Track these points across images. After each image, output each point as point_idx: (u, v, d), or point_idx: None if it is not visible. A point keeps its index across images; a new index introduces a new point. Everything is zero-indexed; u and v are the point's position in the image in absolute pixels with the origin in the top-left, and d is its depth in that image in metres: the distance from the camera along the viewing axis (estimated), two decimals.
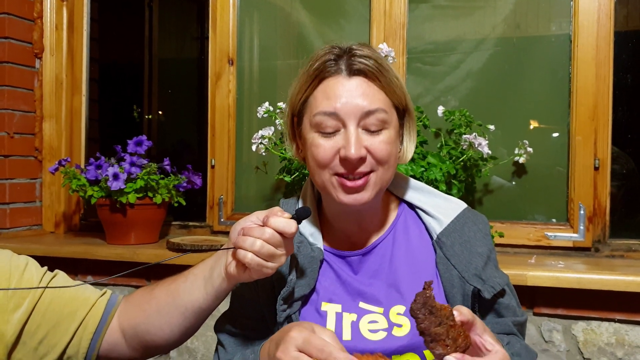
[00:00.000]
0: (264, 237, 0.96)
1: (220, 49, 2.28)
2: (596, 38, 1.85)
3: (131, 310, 1.15)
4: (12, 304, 1.06)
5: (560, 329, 1.71)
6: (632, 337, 1.65)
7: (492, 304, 1.13)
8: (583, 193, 1.87)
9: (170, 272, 2.04)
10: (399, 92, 1.09)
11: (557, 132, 1.94)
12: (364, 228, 1.17)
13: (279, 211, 1.00)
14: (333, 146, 1.05)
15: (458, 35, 2.06)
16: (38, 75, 2.48)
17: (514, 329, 1.12)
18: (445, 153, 1.78)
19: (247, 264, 0.97)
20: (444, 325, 0.84)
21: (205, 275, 1.07)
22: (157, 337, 1.12)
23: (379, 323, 1.09)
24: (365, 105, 1.04)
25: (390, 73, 1.08)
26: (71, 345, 1.10)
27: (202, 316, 1.12)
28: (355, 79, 1.05)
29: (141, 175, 2.06)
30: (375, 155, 1.05)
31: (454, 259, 1.12)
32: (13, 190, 2.36)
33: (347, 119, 1.04)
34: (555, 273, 1.63)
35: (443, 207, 1.19)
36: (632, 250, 1.86)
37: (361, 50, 1.07)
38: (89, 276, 2.19)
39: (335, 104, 1.04)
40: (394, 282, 1.13)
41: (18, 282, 1.08)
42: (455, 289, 1.11)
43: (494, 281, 1.11)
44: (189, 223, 2.38)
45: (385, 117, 1.05)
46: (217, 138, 2.28)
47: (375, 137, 1.05)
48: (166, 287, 1.12)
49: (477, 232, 1.16)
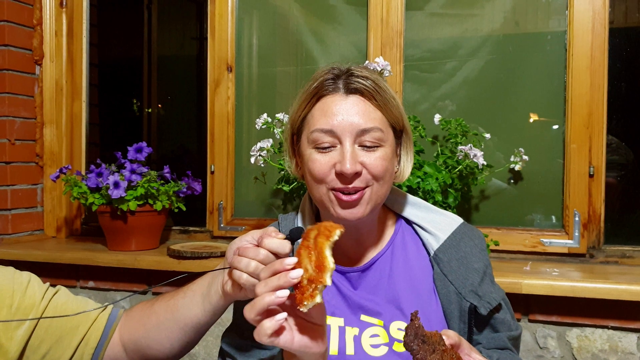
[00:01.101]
0: (258, 258, 0.97)
1: (219, 56, 2.30)
2: (591, 48, 1.86)
3: (132, 324, 1.17)
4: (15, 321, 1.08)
5: (555, 335, 1.74)
6: (626, 344, 1.68)
7: (488, 319, 1.15)
8: (578, 200, 1.90)
9: (170, 278, 2.07)
10: (396, 112, 1.11)
11: (552, 139, 1.96)
12: (361, 243, 1.19)
13: (274, 231, 1.01)
14: (329, 161, 1.07)
15: (454, 42, 2.08)
16: (38, 81, 2.50)
17: (509, 344, 1.15)
18: (441, 162, 1.80)
19: (243, 284, 0.99)
20: (437, 351, 0.87)
21: (203, 292, 1.10)
22: (157, 352, 1.14)
23: (380, 337, 1.12)
24: (361, 124, 1.06)
25: (388, 93, 1.10)
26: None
27: (201, 331, 1.14)
28: (352, 97, 1.08)
29: (141, 182, 2.08)
30: (370, 170, 1.07)
31: (450, 275, 1.15)
32: (15, 196, 2.38)
33: (343, 136, 1.06)
34: (550, 281, 1.66)
35: (439, 222, 1.21)
36: (627, 257, 1.88)
37: (359, 71, 1.10)
38: (91, 281, 2.21)
39: (332, 122, 1.06)
40: (393, 298, 1.15)
41: (21, 299, 1.10)
42: (453, 305, 1.13)
43: (490, 297, 1.13)
44: (189, 228, 2.41)
45: (380, 136, 1.07)
46: (217, 144, 2.30)
47: (371, 154, 1.07)
48: (165, 302, 1.14)
49: (474, 247, 1.19)
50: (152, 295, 2.14)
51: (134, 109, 3.22)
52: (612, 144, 1.92)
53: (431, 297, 1.15)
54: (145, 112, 3.21)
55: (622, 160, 2.03)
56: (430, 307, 1.14)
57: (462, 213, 1.99)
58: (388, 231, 1.23)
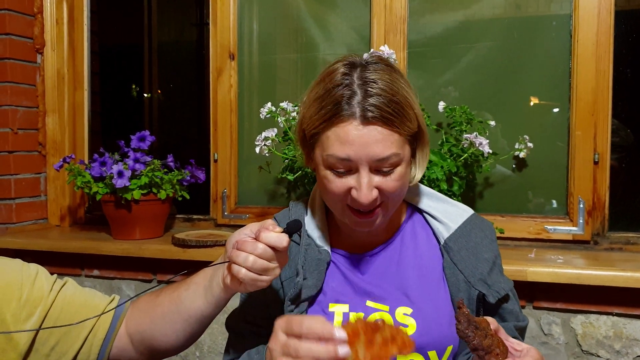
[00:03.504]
0: (256, 253, 0.98)
1: (221, 44, 2.29)
2: (596, 34, 1.85)
3: (138, 316, 1.18)
4: (24, 313, 1.09)
5: (559, 322, 1.75)
6: (630, 330, 1.69)
7: (497, 308, 1.16)
8: (583, 187, 1.89)
9: (175, 267, 2.08)
10: (412, 120, 1.08)
11: (557, 126, 1.95)
12: (371, 232, 1.19)
13: (271, 225, 1.02)
14: (345, 184, 1.07)
15: (458, 27, 2.06)
16: (40, 70, 2.49)
17: (516, 333, 1.16)
18: (446, 150, 1.79)
19: (241, 279, 1.00)
20: (489, 337, 0.89)
21: (205, 284, 1.11)
22: (163, 342, 1.16)
23: None
24: (378, 153, 1.03)
25: (404, 102, 1.06)
26: (82, 352, 1.14)
27: (205, 322, 1.15)
28: (369, 127, 1.03)
29: (145, 172, 2.08)
30: (386, 192, 1.07)
31: (460, 264, 1.16)
32: (18, 185, 2.39)
33: (360, 164, 1.05)
34: (555, 269, 1.66)
35: (451, 213, 1.22)
36: (631, 243, 1.89)
37: (375, 84, 1.04)
38: (96, 270, 2.22)
39: (349, 152, 1.04)
40: (401, 285, 1.16)
41: (30, 291, 1.10)
42: (461, 293, 1.14)
43: (499, 286, 1.14)
44: (193, 216, 2.41)
45: (397, 160, 1.06)
46: (220, 132, 2.30)
47: (387, 177, 1.07)
48: (169, 294, 1.15)
49: (484, 238, 1.20)
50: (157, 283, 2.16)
51: (134, 95, 3.22)
52: (613, 126, 1.92)
53: (440, 285, 1.16)
54: (145, 99, 3.21)
55: (622, 142, 2.03)
56: (438, 294, 1.16)
57: (467, 200, 2.00)
58: (399, 219, 1.24)
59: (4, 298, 1.07)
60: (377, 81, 1.05)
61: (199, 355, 2.10)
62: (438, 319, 1.12)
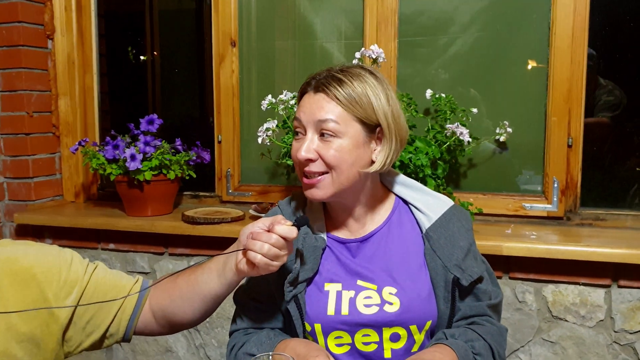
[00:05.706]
0: (270, 242, 1.16)
1: (223, 31, 2.42)
2: (572, 27, 1.99)
3: (159, 295, 1.36)
4: (63, 293, 1.26)
5: (532, 291, 1.94)
6: (594, 298, 1.89)
7: (472, 289, 1.33)
8: (557, 168, 2.06)
9: (185, 242, 2.26)
10: (366, 107, 1.26)
11: (535, 112, 2.11)
12: (357, 219, 1.37)
13: (282, 219, 1.20)
14: (298, 147, 1.29)
15: (447, 17, 2.19)
16: (51, 55, 2.62)
17: (488, 311, 1.33)
18: (431, 136, 1.95)
19: (257, 263, 1.17)
20: None
21: (219, 269, 1.28)
22: (182, 318, 1.34)
23: (373, 299, 1.31)
24: (318, 116, 1.25)
25: (358, 93, 1.25)
26: (112, 325, 1.32)
27: (218, 301, 1.34)
28: (318, 94, 1.27)
29: (155, 155, 2.25)
30: (324, 159, 1.26)
31: (439, 251, 1.32)
32: (36, 165, 2.56)
33: (307, 126, 1.27)
34: (528, 244, 1.85)
35: (432, 204, 1.38)
36: (600, 219, 2.07)
37: (337, 74, 1.27)
38: (111, 244, 2.41)
39: (300, 113, 1.29)
40: (387, 267, 1.33)
41: (67, 274, 1.27)
42: (439, 277, 1.31)
43: (472, 270, 1.31)
44: (200, 193, 2.59)
45: (336, 127, 1.24)
46: (223, 116, 2.45)
47: (327, 144, 1.25)
48: (187, 277, 1.33)
49: (461, 227, 1.36)
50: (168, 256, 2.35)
51: (128, 48, 3.29)
52: (608, 86, 2.06)
53: (421, 269, 1.33)
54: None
55: (616, 100, 2.17)
56: (420, 277, 1.33)
57: (451, 181, 2.17)
58: (386, 209, 1.40)
59: (46, 280, 1.25)
60: (343, 70, 1.29)
61: (209, 319, 2.30)
62: (419, 298, 1.30)
